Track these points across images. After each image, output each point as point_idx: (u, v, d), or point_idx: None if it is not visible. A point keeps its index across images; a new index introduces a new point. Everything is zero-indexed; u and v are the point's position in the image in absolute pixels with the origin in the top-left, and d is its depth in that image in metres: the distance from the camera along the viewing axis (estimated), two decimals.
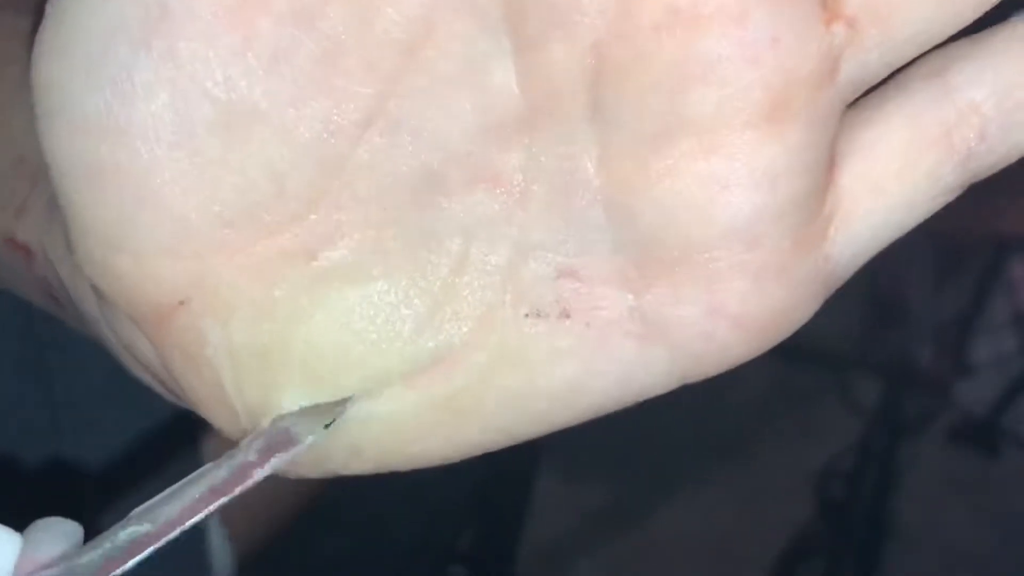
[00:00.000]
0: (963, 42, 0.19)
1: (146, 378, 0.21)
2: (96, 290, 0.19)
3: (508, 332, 0.18)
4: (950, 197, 0.19)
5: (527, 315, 0.18)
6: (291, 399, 0.18)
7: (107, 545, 0.17)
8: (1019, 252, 1.25)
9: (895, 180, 0.18)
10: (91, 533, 0.18)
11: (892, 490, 1.18)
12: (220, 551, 0.47)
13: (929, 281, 1.24)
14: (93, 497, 0.40)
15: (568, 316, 0.18)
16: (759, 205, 0.17)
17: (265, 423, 0.18)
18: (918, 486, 1.20)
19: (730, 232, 0.18)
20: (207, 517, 0.18)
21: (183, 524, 0.17)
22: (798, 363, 1.20)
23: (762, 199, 0.17)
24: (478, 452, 0.19)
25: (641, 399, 0.19)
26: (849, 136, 0.18)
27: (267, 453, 0.18)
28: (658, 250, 0.18)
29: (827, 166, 0.18)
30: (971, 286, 1.26)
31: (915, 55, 0.18)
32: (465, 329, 0.18)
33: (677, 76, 0.17)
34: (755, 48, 0.16)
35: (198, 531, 0.43)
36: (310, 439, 0.18)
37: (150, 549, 0.17)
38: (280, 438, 0.18)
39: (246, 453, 0.18)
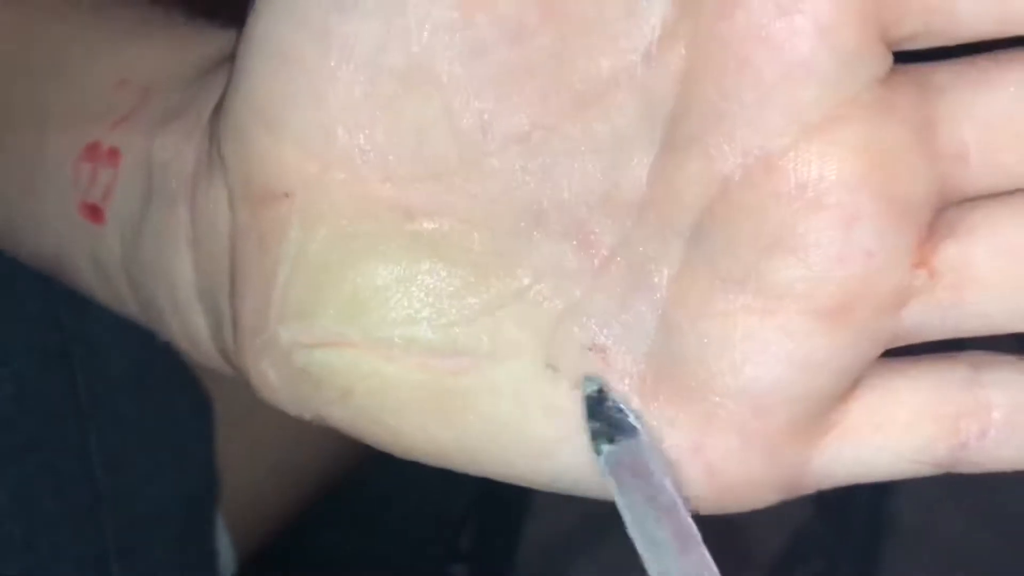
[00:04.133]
0: (1009, 358, 0.20)
1: (168, 291, 0.23)
2: (218, 163, 0.20)
3: (523, 370, 0.20)
4: (934, 472, 0.20)
5: (547, 366, 0.20)
6: (324, 320, 0.20)
7: None
8: None
9: (895, 430, 0.20)
10: (105, 520, 0.18)
11: (891, 490, 1.19)
12: (222, 548, 0.47)
13: None
14: (108, 483, 0.40)
15: (578, 387, 0.20)
16: (785, 382, 0.19)
17: (284, 333, 0.20)
18: (917, 486, 1.20)
19: (748, 392, 0.19)
20: (213, 514, 0.19)
21: None
22: None
23: (790, 379, 0.19)
24: (440, 461, 0.20)
25: (574, 493, 0.21)
26: (878, 372, 0.20)
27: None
28: (681, 375, 0.19)
29: (851, 384, 0.19)
30: None
31: (970, 335, 0.20)
32: (493, 346, 0.20)
33: (774, 239, 0.18)
34: (850, 252, 0.18)
35: (201, 528, 0.43)
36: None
37: None
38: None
39: None
